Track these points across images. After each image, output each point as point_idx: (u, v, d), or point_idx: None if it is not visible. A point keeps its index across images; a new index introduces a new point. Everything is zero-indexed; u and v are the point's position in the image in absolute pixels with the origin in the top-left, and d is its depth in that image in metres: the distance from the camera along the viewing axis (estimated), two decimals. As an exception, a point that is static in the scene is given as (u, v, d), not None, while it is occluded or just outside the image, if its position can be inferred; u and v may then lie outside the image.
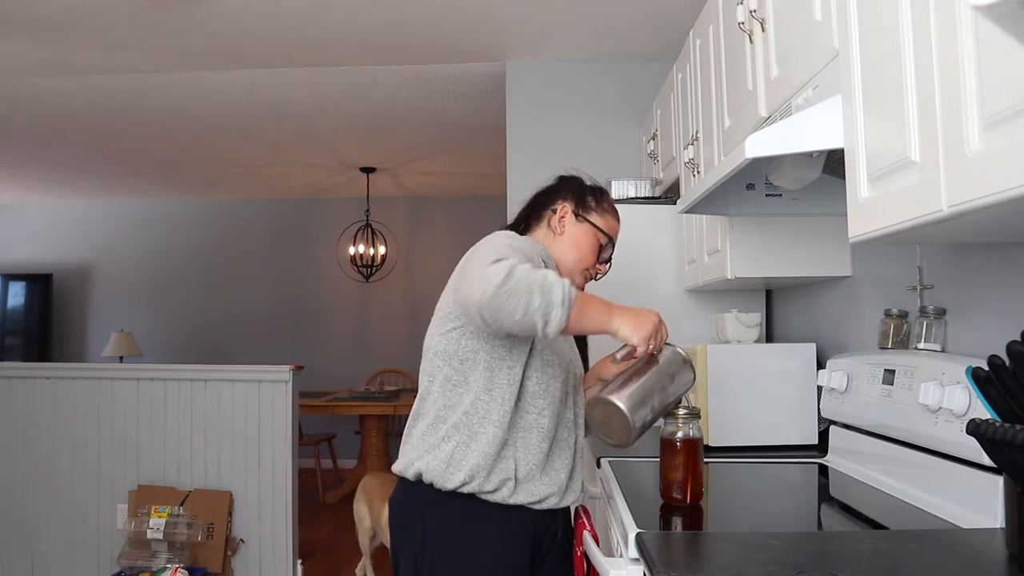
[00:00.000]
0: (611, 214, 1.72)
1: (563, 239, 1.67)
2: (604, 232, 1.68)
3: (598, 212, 1.69)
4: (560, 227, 1.68)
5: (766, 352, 2.13)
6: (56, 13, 3.11)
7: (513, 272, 1.32)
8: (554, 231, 1.68)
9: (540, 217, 1.71)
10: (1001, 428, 0.97)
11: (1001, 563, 1.06)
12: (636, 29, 3.38)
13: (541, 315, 1.31)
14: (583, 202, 1.69)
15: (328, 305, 7.30)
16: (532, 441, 1.51)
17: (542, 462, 1.51)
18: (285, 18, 3.20)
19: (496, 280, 1.31)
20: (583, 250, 1.67)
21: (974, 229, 1.12)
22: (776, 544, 1.13)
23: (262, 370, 3.64)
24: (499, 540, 1.49)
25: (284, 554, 3.52)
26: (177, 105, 4.39)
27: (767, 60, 1.69)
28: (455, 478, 1.46)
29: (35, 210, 7.47)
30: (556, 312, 1.32)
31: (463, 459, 1.46)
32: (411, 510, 1.53)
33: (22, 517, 3.70)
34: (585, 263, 1.67)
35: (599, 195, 1.73)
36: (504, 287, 1.30)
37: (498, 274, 1.31)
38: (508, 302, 1.30)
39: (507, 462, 1.48)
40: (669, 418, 1.47)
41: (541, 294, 1.31)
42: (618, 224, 1.74)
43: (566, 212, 1.68)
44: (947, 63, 0.92)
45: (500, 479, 1.47)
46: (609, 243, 1.70)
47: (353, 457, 6.68)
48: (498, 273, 1.31)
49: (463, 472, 1.45)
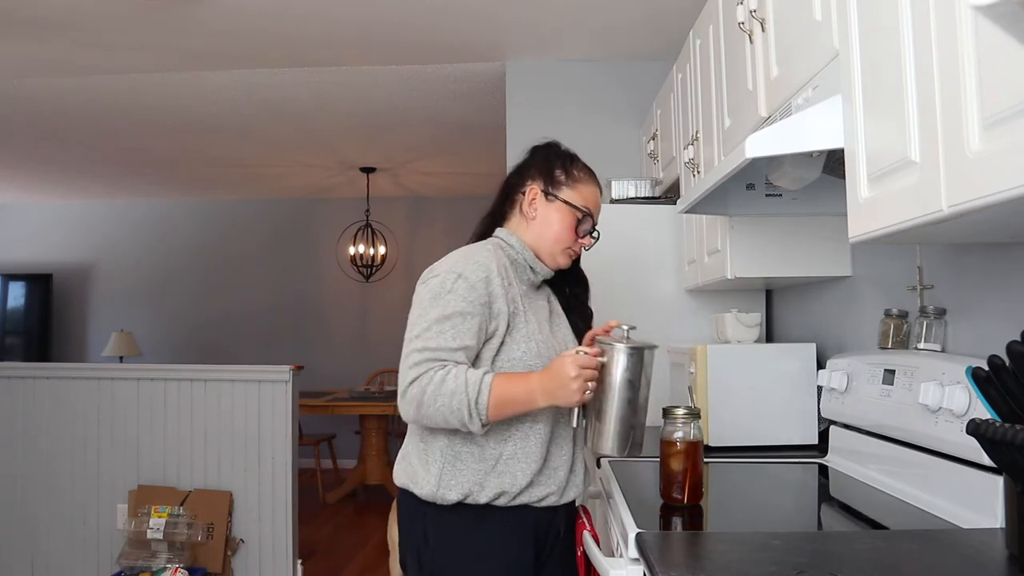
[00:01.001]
0: (584, 183, 1.63)
1: (536, 223, 1.61)
2: (578, 207, 1.60)
3: (568, 186, 1.61)
4: (532, 211, 1.61)
5: (766, 352, 2.13)
6: (56, 13, 3.10)
7: (423, 401, 1.41)
8: (527, 216, 1.62)
9: (513, 202, 1.65)
10: (1001, 428, 0.97)
11: (1001, 563, 1.05)
12: (636, 29, 3.38)
13: (460, 425, 1.42)
14: (551, 179, 1.62)
15: (328, 305, 7.30)
16: (531, 447, 1.50)
17: (540, 467, 1.51)
18: (285, 18, 3.20)
19: (410, 412, 1.44)
20: (559, 230, 1.60)
21: (974, 229, 1.12)
22: (776, 544, 1.13)
23: (262, 370, 3.64)
24: (499, 538, 1.50)
25: (284, 554, 3.52)
26: (177, 105, 4.39)
27: (767, 60, 1.69)
28: (449, 496, 1.48)
29: (35, 210, 7.46)
30: (473, 426, 1.41)
31: (452, 480, 1.48)
32: (412, 510, 1.54)
33: (22, 517, 3.70)
34: (563, 243, 1.61)
35: (568, 166, 1.64)
36: (420, 413, 1.43)
37: (410, 406, 1.43)
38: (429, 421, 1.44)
39: (502, 476, 1.48)
40: (669, 418, 1.47)
41: (452, 413, 1.40)
42: (596, 189, 1.65)
43: (535, 194, 1.62)
44: (947, 63, 0.92)
45: (495, 492, 1.48)
46: (587, 216, 1.61)
47: (353, 457, 6.67)
48: (409, 405, 1.43)
49: (455, 492, 1.48)
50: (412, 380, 1.42)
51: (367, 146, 5.44)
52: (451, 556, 1.49)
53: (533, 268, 1.62)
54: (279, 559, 3.52)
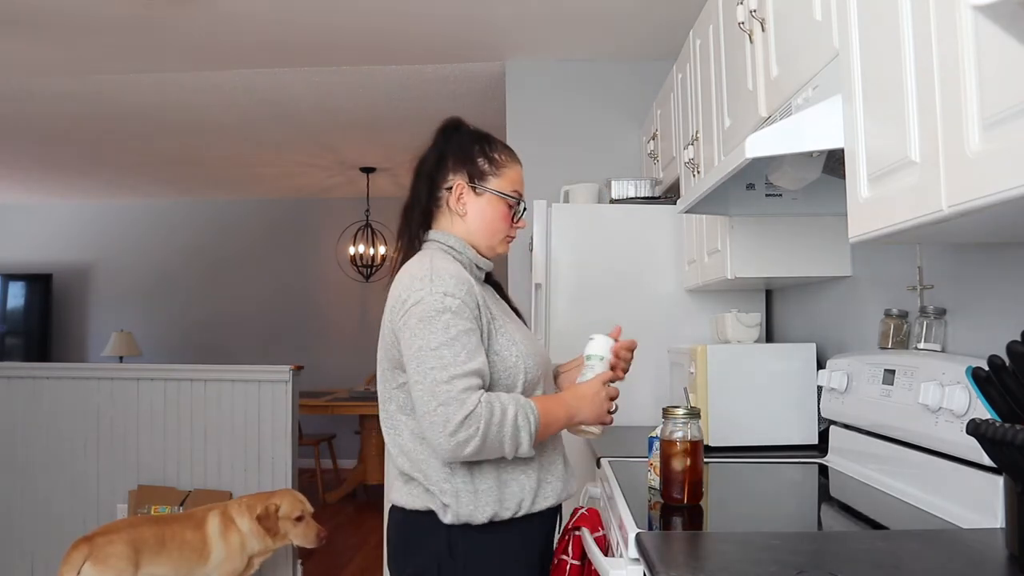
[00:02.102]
0: (508, 165, 1.55)
1: (469, 218, 1.53)
2: (508, 195, 1.54)
3: (494, 175, 1.53)
4: (461, 208, 1.53)
5: (766, 352, 2.13)
6: (56, 13, 3.10)
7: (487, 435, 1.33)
8: (457, 213, 1.53)
9: (437, 201, 1.55)
10: (1001, 428, 0.97)
11: (1001, 563, 1.05)
12: (636, 29, 3.38)
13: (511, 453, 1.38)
14: (476, 170, 1.53)
15: (328, 305, 7.30)
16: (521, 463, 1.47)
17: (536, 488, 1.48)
18: (285, 18, 3.20)
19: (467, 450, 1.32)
20: (493, 222, 1.53)
21: (974, 229, 1.12)
22: (776, 544, 1.13)
23: (262, 370, 3.64)
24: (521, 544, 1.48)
25: (284, 554, 3.52)
26: (177, 105, 4.39)
27: (767, 60, 1.69)
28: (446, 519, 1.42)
29: (35, 210, 7.46)
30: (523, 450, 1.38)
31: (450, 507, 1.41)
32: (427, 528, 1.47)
33: (22, 517, 3.70)
34: (499, 233, 1.55)
35: (489, 151, 1.54)
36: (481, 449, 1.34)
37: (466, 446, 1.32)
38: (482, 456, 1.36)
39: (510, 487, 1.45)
40: (669, 418, 1.47)
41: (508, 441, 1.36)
42: (518, 165, 1.57)
43: (462, 189, 1.52)
44: (947, 63, 0.92)
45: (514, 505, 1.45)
46: (518, 201, 1.56)
47: (353, 457, 6.68)
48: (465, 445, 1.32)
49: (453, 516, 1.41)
50: (465, 417, 1.31)
51: (367, 146, 5.44)
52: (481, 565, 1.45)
53: (478, 265, 1.56)
54: (279, 559, 3.52)
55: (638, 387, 2.50)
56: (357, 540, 4.69)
